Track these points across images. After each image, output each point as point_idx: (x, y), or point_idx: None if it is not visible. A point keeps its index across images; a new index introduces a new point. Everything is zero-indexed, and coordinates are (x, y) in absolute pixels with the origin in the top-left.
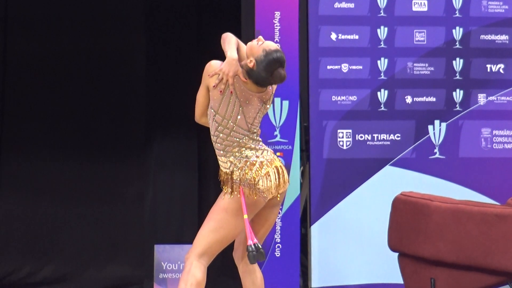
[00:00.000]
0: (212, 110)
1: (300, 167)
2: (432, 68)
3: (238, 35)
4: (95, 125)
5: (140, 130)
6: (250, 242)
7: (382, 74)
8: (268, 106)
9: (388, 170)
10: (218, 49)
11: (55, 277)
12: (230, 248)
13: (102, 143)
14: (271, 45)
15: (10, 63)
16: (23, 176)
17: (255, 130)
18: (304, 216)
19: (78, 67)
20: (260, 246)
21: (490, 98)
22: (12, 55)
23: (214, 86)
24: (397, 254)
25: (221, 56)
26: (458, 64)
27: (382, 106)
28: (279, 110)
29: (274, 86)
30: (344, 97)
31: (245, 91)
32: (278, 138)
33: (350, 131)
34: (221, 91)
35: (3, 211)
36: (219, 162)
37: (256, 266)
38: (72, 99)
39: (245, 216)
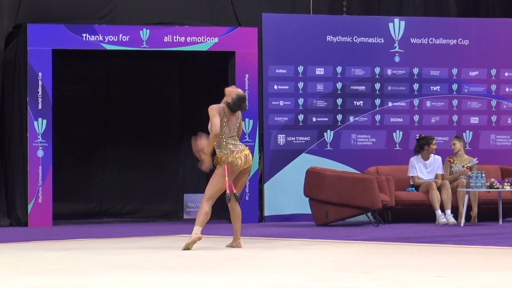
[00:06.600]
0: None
1: (259, 154)
2: (326, 103)
3: (227, 84)
4: (154, 129)
5: (176, 132)
6: (228, 192)
7: (300, 106)
8: (239, 121)
9: (304, 156)
10: (219, 91)
11: (133, 210)
12: (222, 198)
13: (160, 140)
14: (240, 91)
15: (112, 90)
16: (120, 156)
17: (234, 134)
18: (260, 179)
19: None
20: (237, 194)
21: (355, 119)
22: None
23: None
24: (308, 198)
25: (217, 94)
26: (339, 102)
27: (300, 122)
28: (248, 125)
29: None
30: (281, 118)
31: (227, 114)
32: (247, 139)
33: (284, 135)
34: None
35: (106, 174)
36: (216, 151)
37: (237, 204)
38: (142, 117)
39: (226, 178)
